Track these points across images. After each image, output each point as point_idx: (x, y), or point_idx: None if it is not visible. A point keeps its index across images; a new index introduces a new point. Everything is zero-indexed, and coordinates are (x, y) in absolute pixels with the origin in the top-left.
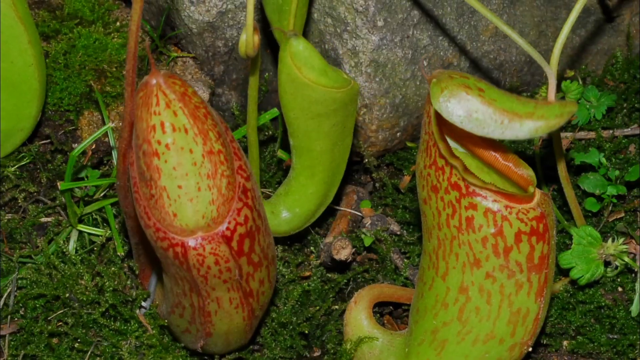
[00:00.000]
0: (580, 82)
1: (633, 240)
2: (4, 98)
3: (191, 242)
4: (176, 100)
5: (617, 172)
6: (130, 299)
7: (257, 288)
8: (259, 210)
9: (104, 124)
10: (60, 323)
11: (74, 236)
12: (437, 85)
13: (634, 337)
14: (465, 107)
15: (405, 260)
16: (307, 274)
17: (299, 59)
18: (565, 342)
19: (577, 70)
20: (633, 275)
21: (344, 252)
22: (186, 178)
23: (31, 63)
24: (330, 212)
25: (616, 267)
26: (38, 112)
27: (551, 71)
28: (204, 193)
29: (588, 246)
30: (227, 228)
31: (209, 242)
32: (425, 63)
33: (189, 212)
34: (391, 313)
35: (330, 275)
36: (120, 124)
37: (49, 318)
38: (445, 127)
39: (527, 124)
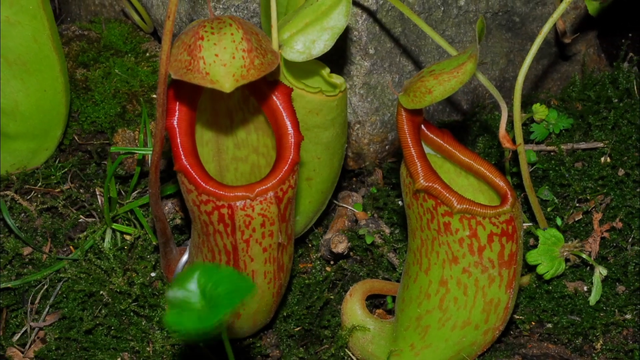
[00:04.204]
0: (545, 104)
1: (590, 240)
2: (34, 124)
3: (239, 203)
4: (229, 16)
5: (576, 184)
6: (157, 292)
7: (287, 263)
8: None
9: (135, 140)
10: (96, 312)
11: (108, 235)
12: (404, 95)
13: (595, 321)
14: (427, 90)
15: (398, 260)
16: (309, 265)
17: (290, 65)
18: (532, 326)
19: (541, 93)
20: (590, 269)
21: (341, 245)
22: (224, 50)
23: (61, 90)
24: (328, 213)
25: (575, 263)
26: (62, 134)
27: (502, 98)
28: (237, 60)
29: (552, 245)
30: (281, 189)
31: (259, 202)
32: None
33: (221, 72)
34: (382, 304)
35: (328, 270)
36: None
37: (86, 309)
38: (424, 139)
39: (470, 64)
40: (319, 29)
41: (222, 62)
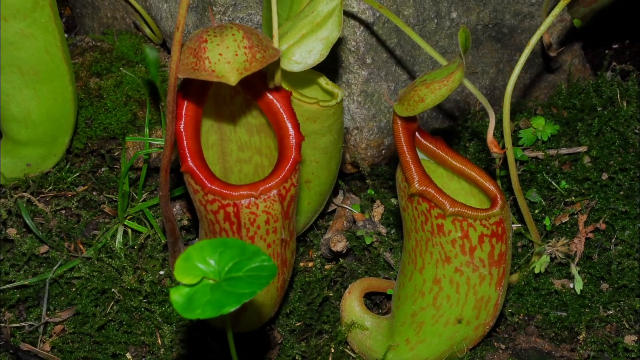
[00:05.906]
0: (532, 112)
1: (575, 240)
2: (45, 131)
3: (244, 201)
4: (229, 22)
5: (565, 184)
6: (166, 289)
7: (289, 259)
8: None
9: (145, 145)
10: (108, 309)
11: (119, 234)
12: (398, 105)
13: (581, 316)
14: (420, 98)
15: (394, 259)
16: (310, 264)
17: (288, 76)
18: (520, 320)
19: (529, 101)
20: (576, 267)
21: (340, 244)
22: (226, 49)
23: (70, 98)
24: (328, 214)
25: (561, 262)
26: (69, 140)
27: (489, 106)
28: (240, 57)
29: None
30: (284, 187)
31: (263, 200)
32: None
33: (226, 68)
34: (380, 302)
35: (327, 269)
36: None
37: (98, 305)
38: (419, 146)
39: (458, 72)
40: (313, 39)
41: (226, 60)
